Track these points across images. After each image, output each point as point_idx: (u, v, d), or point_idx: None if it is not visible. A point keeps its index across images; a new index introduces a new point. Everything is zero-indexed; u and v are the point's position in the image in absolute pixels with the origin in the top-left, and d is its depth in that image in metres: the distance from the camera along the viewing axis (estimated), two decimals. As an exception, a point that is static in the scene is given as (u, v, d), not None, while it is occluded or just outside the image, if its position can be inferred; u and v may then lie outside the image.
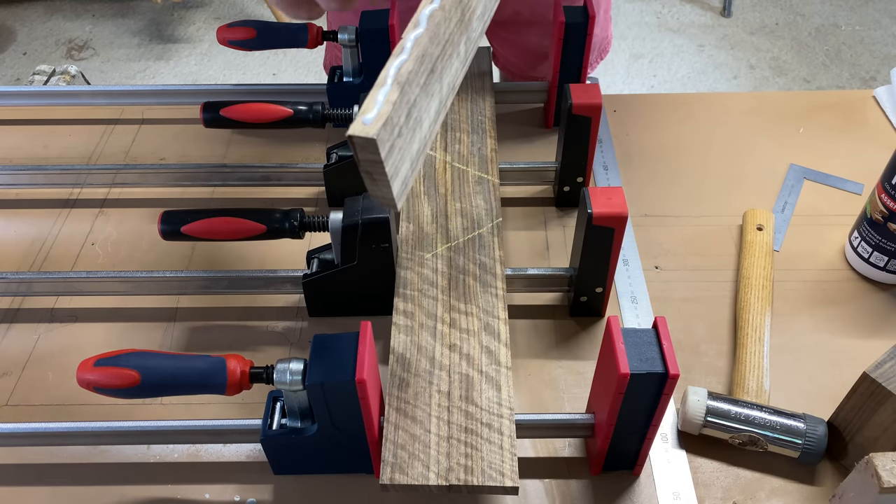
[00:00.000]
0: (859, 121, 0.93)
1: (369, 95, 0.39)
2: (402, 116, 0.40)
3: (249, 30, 0.85)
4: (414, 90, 0.41)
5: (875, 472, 0.50)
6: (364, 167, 0.40)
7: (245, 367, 0.56)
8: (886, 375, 0.56)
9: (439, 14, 0.43)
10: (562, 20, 0.81)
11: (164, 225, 0.68)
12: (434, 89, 0.44)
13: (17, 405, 0.67)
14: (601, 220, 0.63)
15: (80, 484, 0.62)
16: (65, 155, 0.90)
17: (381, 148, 0.38)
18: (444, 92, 0.46)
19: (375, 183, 0.40)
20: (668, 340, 0.53)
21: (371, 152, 0.38)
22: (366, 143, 0.38)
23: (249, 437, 0.61)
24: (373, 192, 0.41)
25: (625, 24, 2.66)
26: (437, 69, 0.44)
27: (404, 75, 0.40)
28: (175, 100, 0.92)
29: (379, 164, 0.39)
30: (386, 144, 0.39)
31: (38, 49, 2.56)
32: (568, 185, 0.80)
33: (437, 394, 0.58)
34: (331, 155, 0.80)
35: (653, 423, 0.56)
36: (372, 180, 0.40)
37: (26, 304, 0.75)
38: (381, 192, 0.41)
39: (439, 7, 0.43)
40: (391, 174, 0.40)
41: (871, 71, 2.45)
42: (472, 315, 0.63)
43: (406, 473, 0.53)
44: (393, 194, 0.41)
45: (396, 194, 0.41)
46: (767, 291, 0.72)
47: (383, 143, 0.38)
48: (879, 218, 0.72)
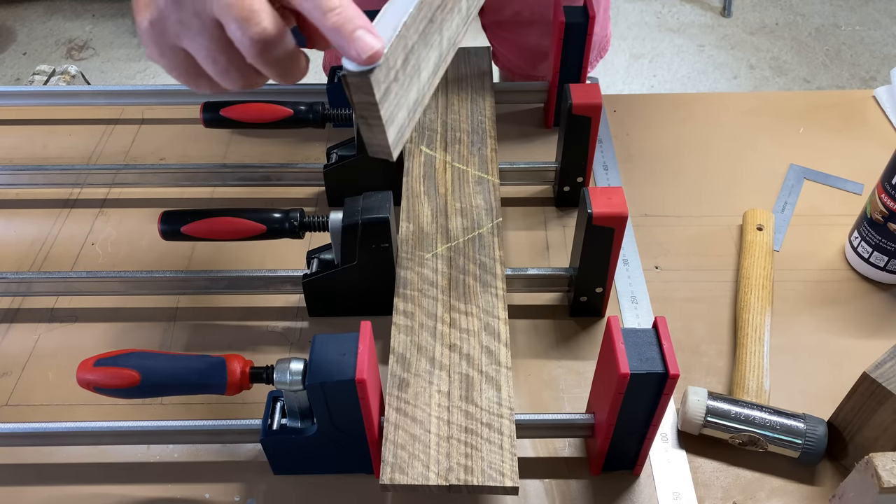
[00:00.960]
0: (859, 121, 0.93)
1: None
2: (398, 60, 0.39)
3: (249, 30, 0.84)
4: (412, 36, 0.40)
5: (875, 472, 0.50)
6: (359, 111, 0.39)
7: (245, 367, 0.56)
8: (886, 375, 0.56)
9: None
10: (562, 20, 0.81)
11: (164, 225, 0.68)
12: (433, 40, 0.43)
13: (17, 405, 0.67)
14: (601, 220, 0.63)
15: (80, 484, 0.62)
16: (65, 155, 0.90)
17: (377, 88, 0.38)
18: (444, 46, 0.45)
19: (371, 129, 0.40)
20: (668, 340, 0.53)
21: (366, 93, 0.38)
22: (360, 83, 0.37)
23: (249, 437, 0.61)
24: (368, 140, 0.41)
25: (625, 24, 2.66)
26: (437, 20, 0.43)
27: (400, 18, 0.39)
28: (175, 100, 0.92)
29: (374, 105, 0.38)
30: (381, 86, 0.38)
31: (38, 49, 2.56)
32: (568, 185, 0.80)
33: (437, 394, 0.58)
34: (331, 155, 0.80)
35: (653, 423, 0.56)
36: (367, 125, 0.40)
37: (26, 304, 0.75)
38: (377, 139, 0.40)
39: None
40: (386, 119, 0.39)
41: (871, 71, 2.45)
42: (472, 315, 0.63)
43: (406, 473, 0.53)
44: (388, 140, 0.40)
45: (392, 141, 0.41)
46: (767, 291, 0.72)
47: (378, 84, 0.38)
48: (879, 218, 0.72)
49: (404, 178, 0.75)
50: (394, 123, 0.40)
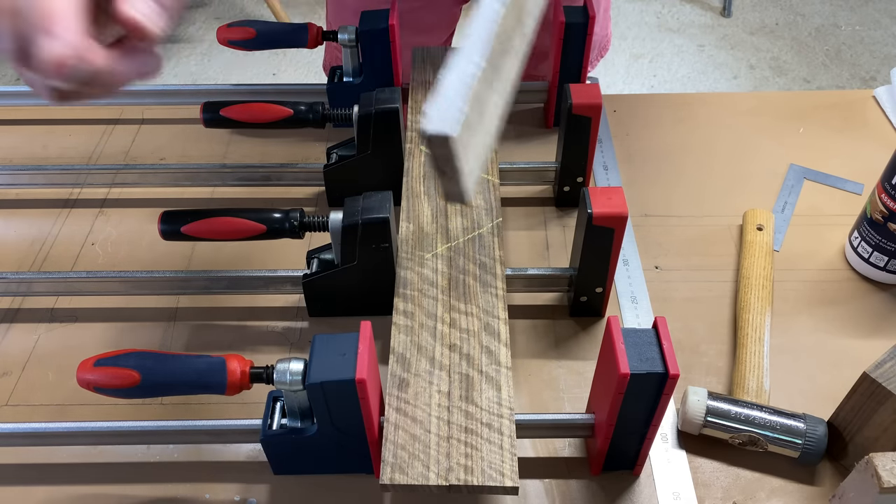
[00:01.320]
0: (859, 121, 0.93)
1: (440, 91, 0.39)
2: (474, 113, 0.40)
3: (249, 30, 0.85)
4: (483, 87, 0.41)
5: (875, 472, 0.50)
6: (437, 164, 0.40)
7: (245, 367, 0.56)
8: (886, 375, 0.56)
9: (500, 9, 0.43)
10: (562, 20, 0.81)
11: (164, 225, 0.68)
12: (498, 86, 0.44)
13: (17, 405, 0.67)
14: (601, 220, 0.63)
15: (80, 484, 0.62)
16: (64, 155, 0.90)
17: (459, 146, 0.38)
18: (507, 88, 0.46)
19: (447, 179, 0.40)
20: (668, 340, 0.53)
21: (447, 149, 0.38)
22: (443, 141, 0.38)
23: (249, 437, 0.61)
24: (445, 189, 0.41)
25: (625, 24, 2.66)
26: (500, 66, 0.44)
27: (476, 73, 0.40)
28: (175, 100, 0.92)
29: (453, 159, 0.39)
30: (462, 142, 0.39)
31: (38, 49, 2.56)
32: (568, 185, 0.80)
33: (437, 394, 0.58)
34: (331, 155, 0.80)
35: (653, 423, 0.56)
36: (443, 175, 0.40)
37: (26, 304, 0.75)
38: (454, 188, 0.41)
39: (500, 3, 0.43)
40: (464, 170, 0.40)
41: (871, 71, 2.45)
42: (472, 315, 0.63)
43: (406, 473, 0.53)
44: (465, 189, 0.41)
45: (468, 189, 0.42)
46: (767, 291, 0.72)
47: (461, 142, 0.38)
48: (879, 218, 0.72)
49: (404, 178, 0.75)
50: (470, 173, 0.41)
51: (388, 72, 0.85)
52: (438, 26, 0.98)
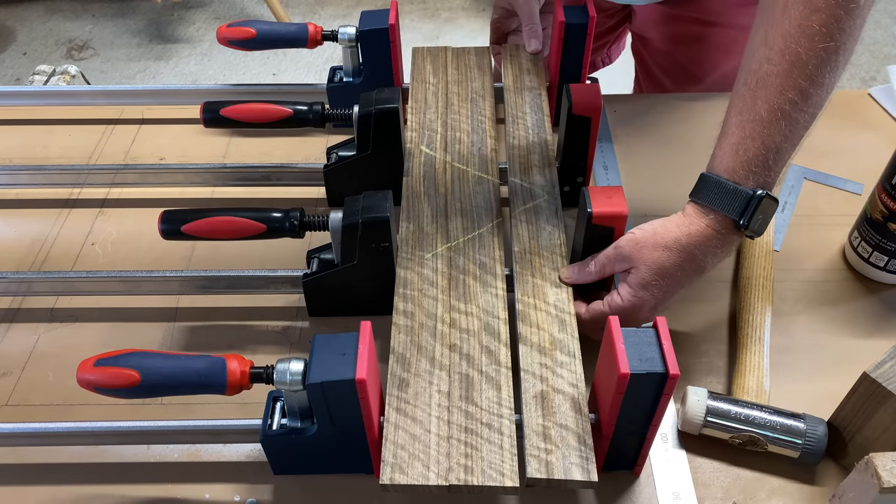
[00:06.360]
0: (859, 121, 0.93)
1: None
2: None
3: (249, 30, 0.85)
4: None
5: (875, 472, 0.50)
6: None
7: (245, 367, 0.56)
8: (886, 375, 0.56)
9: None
10: (562, 20, 0.81)
11: (164, 225, 0.68)
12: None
13: (17, 405, 0.67)
14: (601, 220, 0.63)
15: (80, 484, 0.62)
16: (65, 155, 0.90)
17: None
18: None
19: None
20: (668, 340, 0.53)
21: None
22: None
23: (249, 437, 0.61)
24: None
25: (625, 24, 2.66)
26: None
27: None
28: (175, 100, 0.92)
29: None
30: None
31: (38, 49, 2.56)
32: (568, 185, 0.80)
33: (437, 394, 0.58)
34: (331, 155, 0.80)
35: (653, 423, 0.56)
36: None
37: (26, 304, 0.75)
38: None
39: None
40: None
41: (871, 71, 2.45)
42: (472, 315, 0.63)
43: (406, 473, 0.53)
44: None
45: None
46: (767, 291, 0.72)
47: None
48: (879, 218, 0.72)
49: (404, 178, 0.75)
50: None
51: (388, 72, 0.85)
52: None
